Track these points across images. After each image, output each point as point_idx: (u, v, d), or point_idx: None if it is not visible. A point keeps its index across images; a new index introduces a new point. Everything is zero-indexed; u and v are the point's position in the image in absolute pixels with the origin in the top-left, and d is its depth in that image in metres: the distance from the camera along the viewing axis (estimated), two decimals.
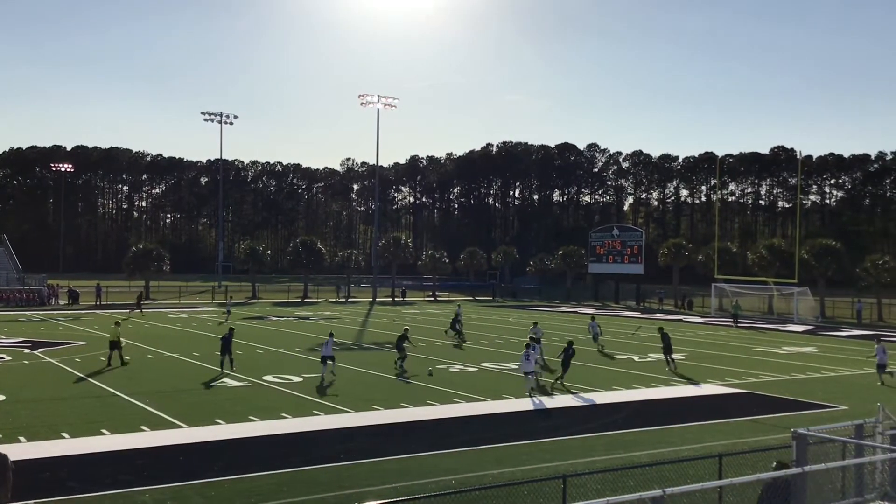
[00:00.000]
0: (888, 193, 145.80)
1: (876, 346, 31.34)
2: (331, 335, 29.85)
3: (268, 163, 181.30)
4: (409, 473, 15.84)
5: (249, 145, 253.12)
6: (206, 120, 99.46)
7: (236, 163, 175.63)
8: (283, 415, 21.48)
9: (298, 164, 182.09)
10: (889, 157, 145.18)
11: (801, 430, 12.37)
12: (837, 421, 17.00)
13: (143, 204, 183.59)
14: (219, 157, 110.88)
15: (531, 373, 25.10)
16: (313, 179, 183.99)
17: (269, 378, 27.65)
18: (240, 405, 22.77)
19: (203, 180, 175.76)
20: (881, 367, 30.03)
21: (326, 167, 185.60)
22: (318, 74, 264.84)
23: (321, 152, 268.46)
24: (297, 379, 27.56)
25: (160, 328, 46.90)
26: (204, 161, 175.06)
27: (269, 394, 24.89)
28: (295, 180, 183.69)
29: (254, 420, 20.77)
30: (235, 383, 26.69)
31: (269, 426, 20.12)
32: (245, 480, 15.36)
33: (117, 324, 31.92)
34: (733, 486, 10.66)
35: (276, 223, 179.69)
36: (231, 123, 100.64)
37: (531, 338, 29.63)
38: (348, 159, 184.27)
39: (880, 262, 65.06)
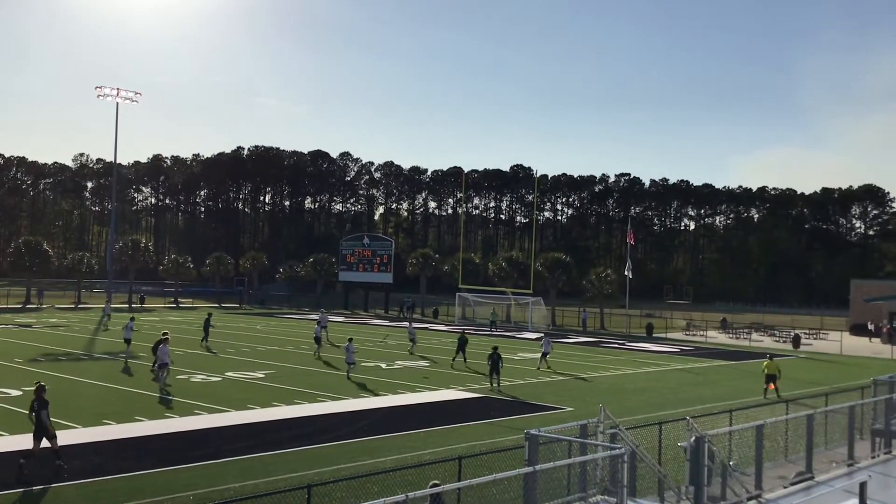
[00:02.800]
0: (610, 212, 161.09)
1: (543, 339, 38.84)
2: (165, 335, 29.86)
3: None
4: (143, 492, 14.88)
5: None
6: None
7: None
8: None
9: (23, 157, 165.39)
10: (612, 179, 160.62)
11: (532, 431, 13.14)
12: (565, 422, 18.31)
13: None
14: None
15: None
16: (40, 174, 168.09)
17: None
18: None
19: None
20: (544, 355, 36.86)
21: (56, 162, 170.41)
22: (49, 61, 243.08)
23: (50, 146, 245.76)
24: (15, 392, 24.98)
25: None
26: None
27: None
28: (18, 174, 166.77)
29: None
30: None
31: None
32: None
33: None
34: (471, 487, 11.09)
35: None
36: None
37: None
38: (82, 154, 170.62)
39: (603, 275, 71.62)
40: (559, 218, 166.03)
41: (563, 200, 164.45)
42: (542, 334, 42.15)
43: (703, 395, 30.60)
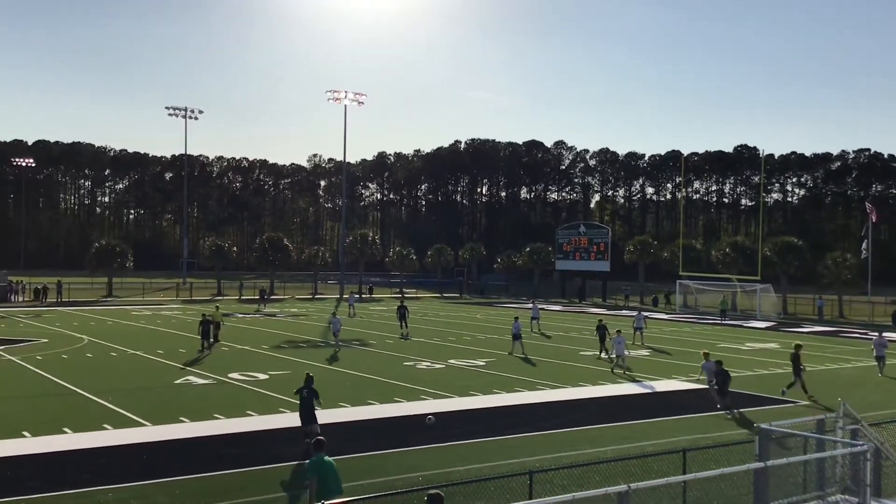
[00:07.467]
0: (849, 191, 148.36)
1: (876, 340, 32.02)
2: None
3: (233, 158, 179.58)
4: (375, 471, 15.80)
5: (215, 141, 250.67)
6: (170, 115, 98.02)
7: (201, 158, 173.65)
8: (249, 412, 21.32)
9: (265, 160, 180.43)
10: (851, 155, 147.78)
11: (763, 426, 12.54)
12: (800, 416, 17.27)
13: (106, 199, 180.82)
14: (183, 152, 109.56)
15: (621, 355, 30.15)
16: (280, 175, 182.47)
17: (234, 375, 27.42)
18: (205, 403, 22.58)
19: (167, 176, 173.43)
20: (880, 359, 31.26)
21: (293, 163, 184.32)
22: (284, 70, 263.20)
23: (288, 148, 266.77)
24: (263, 376, 27.36)
25: (123, 325, 46.31)
26: (168, 156, 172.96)
27: (234, 391, 24.69)
28: (261, 176, 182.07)
29: (219, 418, 20.58)
30: (200, 381, 26.44)
31: (235, 424, 19.96)
32: (210, 479, 15.23)
33: (217, 307, 40.32)
34: (697, 481, 10.78)
35: (242, 219, 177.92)
36: (196, 118, 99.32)
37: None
38: (315, 155, 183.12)
39: (840, 260, 66.20)
40: (789, 199, 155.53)
41: (794, 180, 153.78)
42: (877, 334, 34.50)
43: None
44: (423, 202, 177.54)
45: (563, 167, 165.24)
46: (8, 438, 17.99)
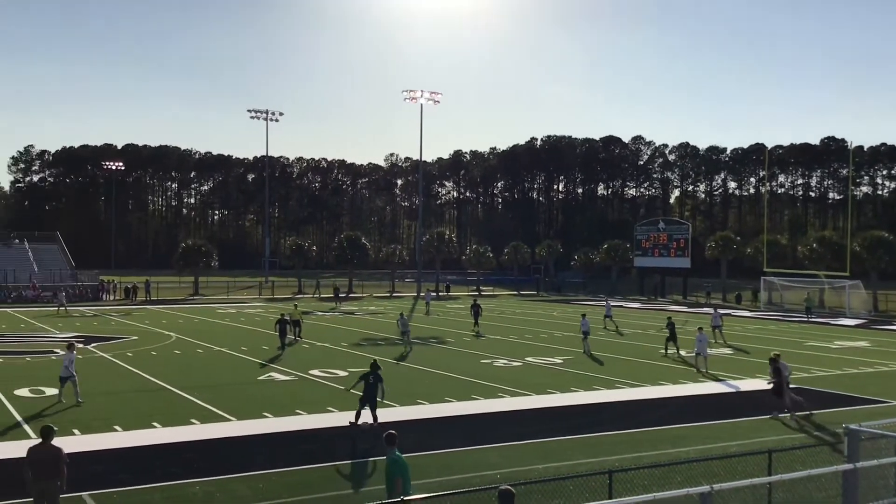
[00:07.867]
0: None
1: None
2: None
3: (312, 159, 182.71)
4: (453, 468, 15.87)
5: (294, 142, 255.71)
6: (252, 117, 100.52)
7: (282, 159, 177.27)
8: (330, 409, 21.69)
9: (343, 160, 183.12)
10: None
11: (853, 426, 12.15)
12: (892, 416, 16.62)
13: (192, 201, 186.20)
14: (265, 153, 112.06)
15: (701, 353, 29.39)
16: (357, 175, 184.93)
17: (315, 372, 27.94)
18: (287, 399, 23.07)
19: (250, 177, 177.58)
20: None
21: (370, 163, 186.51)
22: (361, 71, 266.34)
23: (365, 148, 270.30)
24: (342, 373, 27.78)
25: (209, 323, 47.69)
26: (250, 158, 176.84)
27: (315, 388, 25.15)
28: (339, 176, 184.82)
29: (301, 414, 21.01)
30: (283, 377, 27.03)
31: (316, 420, 20.34)
32: (293, 473, 15.57)
33: (296, 306, 42.47)
34: (783, 483, 10.51)
35: (321, 219, 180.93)
36: (276, 121, 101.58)
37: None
38: (392, 154, 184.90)
39: None
40: (879, 192, 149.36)
41: (885, 173, 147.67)
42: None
43: None
44: (500, 200, 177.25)
45: (642, 162, 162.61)
46: (100, 433, 18.76)
